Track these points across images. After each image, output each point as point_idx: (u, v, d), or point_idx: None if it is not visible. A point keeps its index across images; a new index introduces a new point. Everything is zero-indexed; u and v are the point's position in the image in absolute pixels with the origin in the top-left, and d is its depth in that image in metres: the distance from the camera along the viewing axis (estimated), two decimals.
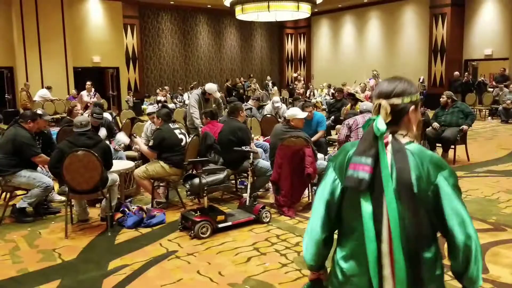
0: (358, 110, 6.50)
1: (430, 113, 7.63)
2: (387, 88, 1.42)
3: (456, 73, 15.51)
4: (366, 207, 1.34)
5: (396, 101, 1.39)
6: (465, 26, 16.60)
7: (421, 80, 16.48)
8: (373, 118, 1.39)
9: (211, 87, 6.69)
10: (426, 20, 17.27)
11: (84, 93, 11.57)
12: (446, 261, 1.43)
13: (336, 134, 6.97)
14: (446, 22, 16.38)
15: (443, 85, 16.19)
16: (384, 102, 1.39)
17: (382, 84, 1.45)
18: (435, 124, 7.15)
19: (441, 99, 7.31)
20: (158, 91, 16.25)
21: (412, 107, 1.42)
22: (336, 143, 5.35)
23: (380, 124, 1.36)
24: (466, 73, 16.00)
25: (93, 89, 11.69)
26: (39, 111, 5.23)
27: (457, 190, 1.37)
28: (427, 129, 7.02)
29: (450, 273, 1.44)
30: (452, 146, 7.15)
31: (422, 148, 1.40)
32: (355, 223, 1.40)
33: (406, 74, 18.42)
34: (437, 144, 7.29)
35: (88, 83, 11.67)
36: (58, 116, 12.32)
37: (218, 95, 6.92)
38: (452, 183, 1.36)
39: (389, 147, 1.36)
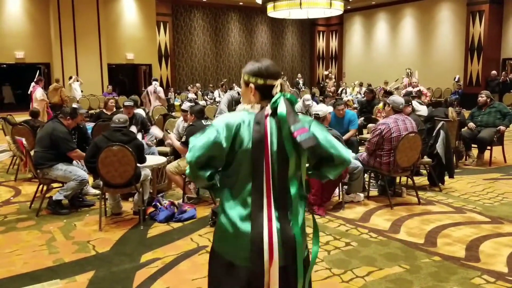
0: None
1: (466, 113, 7.38)
2: (277, 69, 1.79)
3: (494, 72, 14.97)
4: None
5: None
6: (503, 24, 16.00)
7: (456, 79, 16.00)
8: (285, 95, 1.69)
9: None
10: (462, 18, 16.73)
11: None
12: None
13: (368, 133, 6.86)
14: (483, 19, 15.83)
15: (479, 85, 15.65)
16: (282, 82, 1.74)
17: (269, 66, 1.76)
18: (471, 124, 6.92)
19: (480, 99, 7.05)
20: (189, 88, 16.45)
21: None
22: (366, 144, 5.18)
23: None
24: (504, 72, 15.42)
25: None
26: (75, 105, 5.38)
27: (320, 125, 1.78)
28: (462, 129, 6.80)
29: (485, 276, 1.38)
30: (488, 147, 6.91)
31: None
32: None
33: (441, 72, 18.05)
34: (473, 145, 7.06)
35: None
36: (92, 111, 12.65)
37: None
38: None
39: (270, 117, 1.69)
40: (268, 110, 1.70)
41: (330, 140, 1.72)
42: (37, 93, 10.54)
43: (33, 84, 11.10)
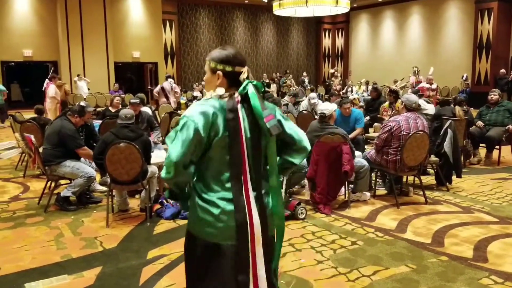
0: (398, 108, 6.33)
1: (474, 112, 7.32)
2: (243, 57, 1.81)
3: (502, 70, 14.85)
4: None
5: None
6: None
7: (464, 78, 15.87)
8: (252, 81, 1.74)
9: None
10: (471, 16, 16.60)
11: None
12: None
13: (374, 132, 6.83)
14: (492, 17, 15.69)
15: (488, 83, 15.52)
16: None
17: (237, 53, 1.78)
18: (479, 123, 6.87)
19: (493, 97, 6.96)
20: (194, 86, 16.47)
21: None
22: (375, 140, 5.15)
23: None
24: None
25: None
26: (82, 103, 5.41)
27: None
28: (470, 128, 6.75)
29: (493, 277, 1.37)
30: (497, 147, 6.86)
31: None
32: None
33: (448, 71, 17.92)
34: (481, 145, 7.01)
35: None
36: (99, 109, 12.71)
37: None
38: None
39: (240, 104, 1.74)
40: (237, 97, 1.74)
41: (292, 126, 1.87)
42: (50, 90, 10.60)
43: (46, 80, 11.17)
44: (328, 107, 5.02)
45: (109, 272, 3.35)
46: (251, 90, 1.72)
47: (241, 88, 1.74)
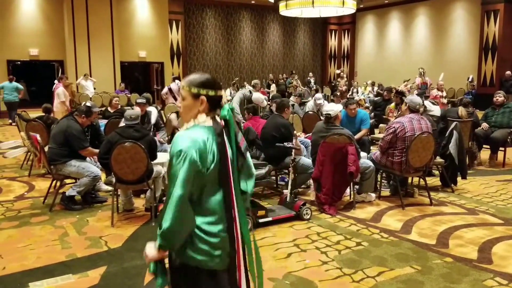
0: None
1: (480, 114, 7.28)
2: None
3: (508, 72, 14.74)
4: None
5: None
6: None
7: (470, 79, 15.77)
8: (229, 105, 1.79)
9: (258, 97, 6.75)
10: (477, 17, 16.50)
11: None
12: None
13: (380, 133, 6.81)
14: (498, 19, 15.59)
15: (493, 85, 15.42)
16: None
17: (214, 77, 1.80)
18: (485, 125, 6.84)
19: (498, 98, 6.93)
20: None
21: None
22: (380, 142, 5.13)
23: None
24: None
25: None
26: (89, 104, 5.43)
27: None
28: (475, 130, 6.71)
29: (497, 278, 1.37)
30: (502, 148, 6.81)
31: None
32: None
33: (454, 72, 17.81)
34: (485, 146, 6.95)
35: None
36: (104, 108, 12.75)
37: (264, 104, 6.98)
38: None
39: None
40: (221, 121, 1.78)
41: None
42: (59, 92, 10.66)
43: (56, 81, 11.23)
44: (334, 108, 5.01)
45: (114, 271, 3.36)
46: (229, 113, 1.77)
47: (224, 112, 1.77)
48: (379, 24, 20.89)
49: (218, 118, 1.78)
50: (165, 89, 12.05)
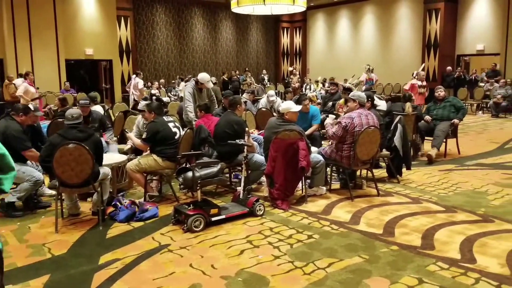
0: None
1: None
2: None
3: (449, 68, 15.61)
4: None
5: None
6: (458, 21, 16.65)
7: (414, 75, 16.47)
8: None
9: (203, 76, 6.60)
10: (420, 16, 17.28)
11: None
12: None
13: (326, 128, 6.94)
14: (439, 17, 16.40)
15: (436, 80, 16.22)
16: None
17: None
18: (427, 117, 7.17)
19: (440, 93, 7.28)
20: (149, 84, 16.10)
21: None
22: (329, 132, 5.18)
23: None
24: (459, 68, 16.10)
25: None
26: (31, 107, 5.15)
27: None
28: (419, 123, 7.03)
29: (439, 263, 1.42)
30: (444, 140, 7.18)
31: None
32: None
33: (400, 68, 18.53)
34: (427, 138, 7.29)
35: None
36: (46, 109, 12.15)
37: (210, 85, 6.83)
38: None
39: None
40: None
41: None
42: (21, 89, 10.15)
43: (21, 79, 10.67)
44: (293, 108, 4.99)
45: (58, 279, 3.20)
46: None
47: None
48: (329, 22, 21.35)
49: None
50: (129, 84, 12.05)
